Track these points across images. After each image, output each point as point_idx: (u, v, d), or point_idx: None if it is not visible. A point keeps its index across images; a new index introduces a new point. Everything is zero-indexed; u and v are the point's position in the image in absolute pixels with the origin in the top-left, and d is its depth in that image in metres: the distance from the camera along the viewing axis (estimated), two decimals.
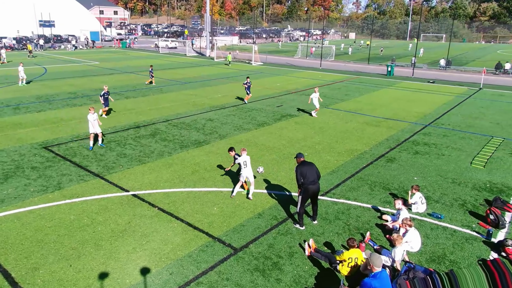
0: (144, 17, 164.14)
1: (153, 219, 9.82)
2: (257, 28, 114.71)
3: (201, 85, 30.63)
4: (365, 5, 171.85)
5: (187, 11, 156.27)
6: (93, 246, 8.62)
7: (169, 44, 69.02)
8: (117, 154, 14.41)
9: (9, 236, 8.88)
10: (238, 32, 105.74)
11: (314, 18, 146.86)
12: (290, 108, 22.67)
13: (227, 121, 19.52)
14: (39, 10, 69.46)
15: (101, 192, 11.27)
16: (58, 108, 21.29)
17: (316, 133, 17.90)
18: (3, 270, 7.71)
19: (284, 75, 37.63)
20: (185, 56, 56.67)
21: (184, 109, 21.91)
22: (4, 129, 17.05)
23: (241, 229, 9.48)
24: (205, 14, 59.80)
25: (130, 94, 25.86)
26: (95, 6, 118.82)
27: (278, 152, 15.15)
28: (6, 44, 59.34)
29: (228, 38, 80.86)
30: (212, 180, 12.30)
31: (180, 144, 15.81)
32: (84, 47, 66.89)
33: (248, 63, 48.27)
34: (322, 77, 37.29)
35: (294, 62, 50.48)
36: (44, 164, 13.24)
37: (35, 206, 10.33)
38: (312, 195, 9.48)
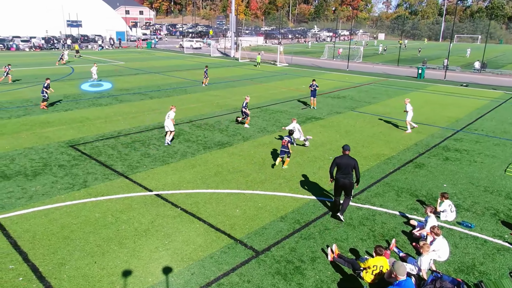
0: (169, 17, 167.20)
1: (175, 219, 10.09)
2: (283, 28, 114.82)
3: (225, 86, 30.99)
4: (396, 5, 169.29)
5: (212, 11, 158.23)
6: (117, 244, 8.94)
7: (194, 44, 70.08)
8: (141, 154, 14.83)
9: (37, 232, 9.33)
10: (264, 32, 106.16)
11: (342, 18, 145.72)
12: (315, 111, 22.65)
13: (251, 123, 19.71)
14: (67, 10, 71.97)
15: (125, 191, 11.65)
16: (84, 108, 22.07)
17: (342, 136, 17.84)
18: (31, 265, 8.12)
19: (309, 77, 37.54)
20: (209, 56, 57.42)
21: (208, 110, 22.27)
22: (33, 127, 17.84)
23: (263, 232, 9.61)
24: (230, 14, 60.45)
25: (154, 95, 26.49)
26: (121, 6, 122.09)
27: (302, 155, 15.20)
28: (35, 43, 61.78)
29: (253, 39, 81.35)
30: (235, 182, 12.49)
31: (203, 145, 16.11)
32: (110, 47, 68.82)
33: (273, 64, 48.45)
34: (349, 79, 37.02)
35: (320, 64, 50.30)
36: (70, 162, 13.79)
37: (62, 203, 10.79)
38: (341, 187, 10.06)
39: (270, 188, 12.14)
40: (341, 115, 21.87)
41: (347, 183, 9.97)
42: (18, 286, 7.47)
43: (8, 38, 62.67)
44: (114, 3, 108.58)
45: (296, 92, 28.76)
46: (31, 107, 21.71)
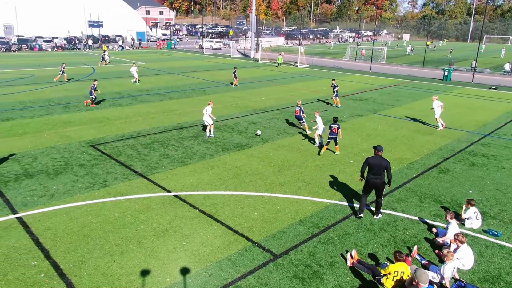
0: (189, 17, 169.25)
1: (193, 220, 10.27)
2: (304, 28, 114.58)
3: (245, 87, 31.21)
4: (422, 4, 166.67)
5: (232, 11, 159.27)
6: (136, 243, 9.18)
7: (214, 45, 70.74)
8: (160, 154, 15.13)
9: (58, 230, 9.67)
10: (284, 32, 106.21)
11: (365, 18, 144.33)
12: (336, 113, 22.57)
13: (270, 125, 19.82)
14: (88, 11, 73.85)
15: (144, 191, 11.92)
16: (104, 108, 22.62)
17: (363, 140, 17.74)
18: (52, 262, 8.43)
19: (330, 78, 37.35)
20: (229, 57, 57.86)
21: (227, 112, 22.50)
22: (55, 127, 18.42)
23: (281, 235, 9.69)
24: (250, 14, 60.78)
25: (174, 95, 26.92)
26: (141, 7, 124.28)
27: (322, 158, 15.20)
28: (57, 44, 63.61)
29: (273, 39, 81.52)
30: (253, 185, 12.61)
31: (222, 146, 16.30)
32: (130, 47, 70.19)
33: (294, 65, 48.46)
34: (372, 81, 36.69)
35: (342, 65, 50.02)
36: (91, 162, 14.20)
37: (82, 202, 11.13)
38: (372, 187, 10.28)
39: (289, 191, 12.21)
40: (363, 118, 21.73)
41: (379, 183, 10.18)
42: (39, 282, 7.77)
43: (31, 39, 64.73)
44: (134, 3, 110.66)
45: (317, 94, 28.71)
46: (53, 107, 22.40)
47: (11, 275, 7.93)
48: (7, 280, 7.78)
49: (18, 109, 21.59)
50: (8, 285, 7.65)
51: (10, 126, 18.36)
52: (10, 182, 12.26)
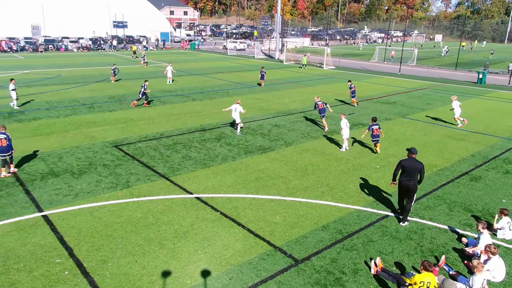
0: (213, 18, 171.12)
1: (215, 223, 10.46)
2: (331, 29, 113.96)
3: (269, 89, 31.37)
4: (456, 3, 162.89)
5: (257, 11, 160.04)
6: (157, 244, 9.43)
7: (238, 45, 71.30)
8: (182, 156, 15.44)
9: (82, 229, 10.04)
10: (310, 33, 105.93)
11: (396, 18, 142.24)
12: (362, 117, 22.42)
13: (294, 128, 19.88)
14: (113, 11, 75.81)
15: (166, 192, 12.21)
16: (128, 109, 23.21)
17: (391, 144, 17.56)
18: (76, 260, 8.77)
19: (357, 81, 37.11)
20: (253, 58, 58.20)
21: (250, 114, 22.68)
22: (80, 127, 19.06)
23: (303, 240, 9.75)
24: (275, 14, 60.99)
25: (197, 97, 27.34)
26: (166, 7, 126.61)
27: (347, 163, 15.16)
28: (83, 44, 65.57)
29: (299, 40, 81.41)
30: (275, 188, 12.71)
31: (244, 149, 16.48)
32: (154, 48, 71.58)
33: (319, 66, 48.31)
34: (401, 83, 36.18)
35: (369, 67, 49.51)
36: (114, 162, 14.63)
37: (106, 202, 11.51)
38: (405, 191, 10.40)
39: (312, 195, 12.25)
40: (391, 122, 21.49)
41: (411, 185, 10.28)
42: (63, 280, 8.10)
43: (57, 39, 66.95)
44: (159, 3, 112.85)
45: (343, 97, 28.55)
46: (78, 107, 23.16)
47: (36, 271, 8.31)
48: (33, 276, 8.15)
49: (44, 109, 22.44)
50: (33, 281, 8.02)
51: (37, 125, 19.11)
52: (37, 180, 12.79)
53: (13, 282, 7.94)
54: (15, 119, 19.99)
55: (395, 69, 45.70)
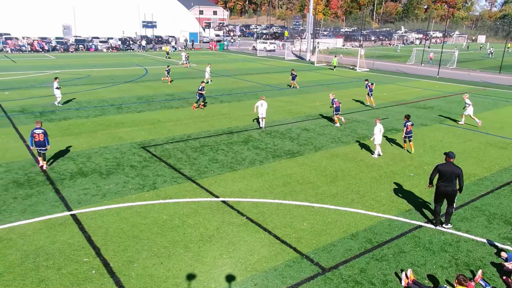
0: (243, 17, 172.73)
1: (240, 227, 10.64)
2: (365, 29, 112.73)
3: (299, 91, 31.42)
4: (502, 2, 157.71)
5: (289, 11, 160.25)
6: (183, 247, 9.70)
7: (267, 46, 71.64)
8: (209, 159, 15.75)
9: (109, 229, 10.44)
10: (343, 33, 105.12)
11: (435, 17, 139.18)
12: (396, 122, 22.14)
13: (324, 132, 19.88)
14: (142, 11, 77.85)
15: (192, 195, 12.51)
16: (156, 110, 23.84)
17: (426, 151, 17.28)
18: (103, 259, 9.14)
19: (392, 84, 36.63)
20: (283, 59, 58.36)
21: (279, 117, 22.84)
22: (108, 127, 19.74)
23: (331, 248, 9.78)
24: (307, 13, 60.96)
25: (225, 99, 27.74)
26: (195, 6, 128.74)
27: (379, 170, 15.05)
28: (112, 44, 67.64)
29: (331, 41, 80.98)
30: (303, 194, 12.78)
31: (272, 153, 16.63)
32: (182, 48, 72.95)
33: (352, 69, 47.93)
34: (439, 87, 35.44)
35: (406, 69, 48.70)
36: (141, 163, 15.10)
37: (132, 203, 11.91)
38: (443, 196, 10.57)
39: (342, 203, 12.25)
40: (427, 128, 21.13)
41: (450, 191, 10.42)
42: (90, 279, 8.47)
43: (88, 39, 69.34)
44: (188, 3, 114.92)
45: (376, 101, 28.25)
46: (107, 107, 23.98)
47: (65, 269, 8.72)
48: (61, 274, 8.57)
49: (74, 109, 23.35)
50: (62, 278, 8.43)
51: (67, 125, 19.93)
52: (66, 180, 13.38)
53: (43, 279, 8.37)
54: (46, 119, 20.90)
55: (433, 72, 44.76)
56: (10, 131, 18.58)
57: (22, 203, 11.66)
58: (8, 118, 20.94)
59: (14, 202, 11.68)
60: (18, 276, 8.43)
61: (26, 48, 59.34)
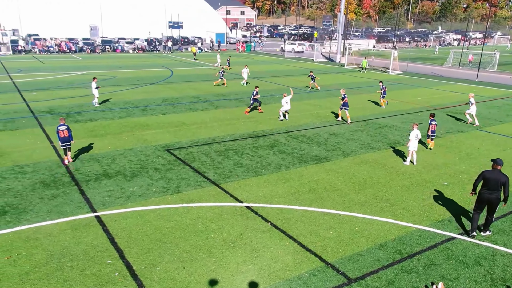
0: (271, 18, 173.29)
1: (265, 234, 10.77)
2: (399, 29, 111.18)
3: (327, 94, 31.35)
4: None
5: (319, 10, 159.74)
6: (205, 252, 9.90)
7: (296, 47, 71.69)
8: (234, 163, 15.96)
9: (132, 231, 10.77)
10: (376, 34, 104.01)
11: (476, 17, 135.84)
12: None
13: (353, 137, 19.80)
14: (169, 11, 79.38)
15: (216, 200, 12.73)
16: (181, 112, 24.31)
17: (462, 159, 16.97)
18: (126, 262, 9.45)
19: (427, 88, 36.03)
20: (312, 61, 58.28)
21: (306, 121, 22.87)
22: (133, 129, 20.28)
23: (358, 258, 9.78)
24: (338, 13, 60.68)
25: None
26: (222, 6, 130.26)
27: (411, 178, 14.89)
28: (138, 45, 69.23)
29: (363, 42, 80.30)
30: (330, 201, 12.80)
31: (299, 158, 16.70)
32: (209, 49, 73.92)
33: (384, 71, 47.40)
34: (478, 91, 34.58)
35: (442, 72, 47.79)
36: (166, 166, 15.45)
37: (156, 206, 12.23)
38: (485, 204, 10.61)
39: (370, 211, 12.20)
40: (463, 134, 20.72)
41: (494, 199, 10.43)
42: (113, 281, 8.78)
43: (114, 40, 71.23)
44: (215, 3, 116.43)
45: (409, 105, 27.90)
46: (132, 109, 24.61)
47: (88, 270, 9.07)
48: (85, 275, 8.91)
49: (100, 110, 24.09)
50: (85, 279, 8.77)
51: (93, 126, 20.60)
52: (91, 181, 13.85)
53: (67, 279, 8.73)
54: (72, 120, 21.66)
55: (472, 76, 43.73)
56: (37, 132, 19.36)
57: (48, 203, 12.17)
58: (36, 118, 21.80)
59: (41, 202, 12.19)
60: (44, 275, 8.83)
61: (54, 49, 61.46)
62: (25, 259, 9.40)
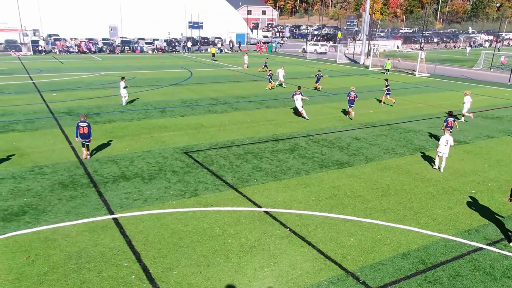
0: (293, 17, 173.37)
1: (283, 240, 10.84)
2: (427, 30, 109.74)
3: None
4: None
5: (343, 10, 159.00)
6: (223, 257, 10.04)
7: (318, 48, 71.54)
8: (252, 167, 16.09)
9: (149, 234, 10.99)
10: (402, 35, 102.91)
11: (509, 17, 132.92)
12: (458, 132, 21.48)
13: (376, 142, 19.69)
14: (189, 11, 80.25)
15: (234, 204, 12.87)
16: (200, 114, 24.59)
17: (491, 166, 16.70)
18: (143, 265, 9.65)
19: (456, 91, 35.48)
20: (335, 63, 58.08)
21: (328, 124, 22.85)
22: (151, 131, 20.63)
23: (379, 267, 9.75)
24: (363, 13, 60.34)
25: (271, 104, 28.09)
26: (243, 6, 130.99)
27: (437, 185, 14.73)
28: (157, 46, 70.22)
29: (388, 43, 79.57)
30: (351, 208, 12.79)
31: (319, 163, 16.71)
32: (229, 50, 74.43)
33: (411, 73, 46.88)
34: (510, 95, 33.92)
35: (472, 75, 46.98)
36: (183, 169, 15.69)
37: (173, 209, 12.44)
38: None
39: (393, 219, 12.14)
40: (493, 140, 20.36)
41: None
42: (130, 284, 8.99)
43: (133, 40, 72.42)
44: (236, 2, 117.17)
45: (436, 109, 27.55)
46: (150, 111, 25.03)
47: (105, 272, 9.31)
48: (102, 277, 9.15)
49: (118, 112, 24.59)
50: (102, 281, 9.00)
51: (111, 128, 21.04)
52: (109, 183, 14.18)
53: (84, 281, 8.98)
54: (91, 121, 22.14)
55: (504, 79, 42.88)
56: (57, 132, 19.89)
57: (66, 204, 12.52)
58: (55, 119, 22.39)
59: (59, 203, 12.55)
60: (61, 276, 9.10)
61: (74, 50, 62.89)
62: (44, 259, 9.71)
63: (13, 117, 22.58)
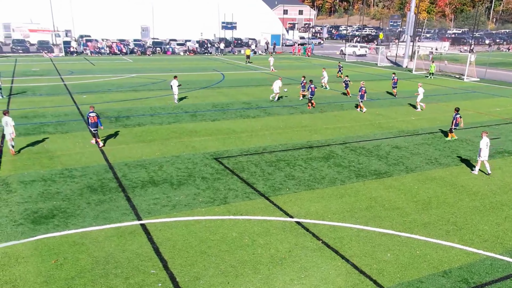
0: (332, 17, 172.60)
1: (315, 252, 10.91)
2: (478, 30, 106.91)
3: (391, 103, 30.89)
4: None
5: (386, 9, 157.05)
6: (251, 268, 10.20)
7: (358, 50, 71.00)
8: (285, 175, 16.22)
9: (177, 242, 11.29)
10: (450, 36, 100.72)
11: None
12: (508, 142, 20.92)
13: (418, 151, 19.44)
14: (222, 11, 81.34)
15: (265, 213, 13.03)
16: (231, 119, 24.95)
17: None
18: (170, 273, 9.94)
19: (508, 97, 34.49)
20: (376, 66, 57.50)
21: (366, 131, 22.72)
22: (181, 136, 21.11)
23: (418, 285, 9.67)
24: (408, 12, 59.48)
25: (306, 109, 28.15)
26: (279, 5, 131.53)
27: (483, 199, 14.42)
28: (189, 47, 71.55)
29: (435, 44, 78.06)
30: (389, 221, 12.71)
31: (356, 172, 16.66)
32: (263, 52, 74.92)
33: (458, 78, 45.85)
34: None
35: None
36: (213, 175, 16.00)
37: (202, 217, 12.72)
38: None
39: (434, 234, 11.99)
40: None
41: None
42: None
43: (165, 41, 74.07)
44: (272, 2, 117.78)
45: (486, 117, 26.88)
46: (181, 114, 25.60)
47: (132, 279, 9.65)
48: (129, 283, 9.49)
49: (148, 115, 25.27)
50: None
51: (141, 131, 21.67)
52: (137, 188, 14.64)
53: (111, 287, 9.34)
54: (121, 124, 22.90)
55: None
56: (87, 135, 20.66)
57: (95, 208, 13.02)
58: (85, 122, 23.24)
59: (88, 207, 13.08)
60: (89, 281, 9.50)
61: (105, 51, 64.93)
62: (71, 263, 10.16)
63: (44, 119, 23.62)
